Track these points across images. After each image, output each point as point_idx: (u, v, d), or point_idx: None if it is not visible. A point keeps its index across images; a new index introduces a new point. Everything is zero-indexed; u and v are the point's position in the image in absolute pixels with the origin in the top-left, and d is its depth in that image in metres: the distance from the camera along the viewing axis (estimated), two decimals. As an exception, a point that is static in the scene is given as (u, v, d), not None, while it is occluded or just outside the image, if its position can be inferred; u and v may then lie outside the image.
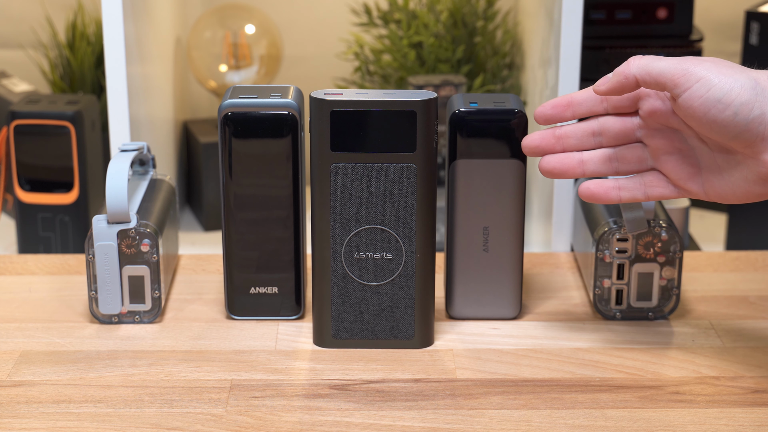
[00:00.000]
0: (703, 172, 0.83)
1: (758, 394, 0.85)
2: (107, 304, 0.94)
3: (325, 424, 0.81)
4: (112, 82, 1.11)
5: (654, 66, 0.80)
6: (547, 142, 0.86)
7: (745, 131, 0.78)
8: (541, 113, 0.86)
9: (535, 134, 0.87)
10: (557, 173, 0.86)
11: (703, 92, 0.78)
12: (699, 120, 0.79)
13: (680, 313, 0.98)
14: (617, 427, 0.81)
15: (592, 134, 0.86)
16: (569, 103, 0.86)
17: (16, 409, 0.83)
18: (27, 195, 1.26)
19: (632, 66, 0.82)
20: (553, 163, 0.86)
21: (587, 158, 0.86)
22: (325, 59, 1.50)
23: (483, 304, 0.96)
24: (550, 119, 0.86)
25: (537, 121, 0.87)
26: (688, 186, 0.84)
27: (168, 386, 0.86)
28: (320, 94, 0.87)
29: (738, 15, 1.47)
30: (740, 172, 0.81)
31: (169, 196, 1.03)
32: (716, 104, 0.78)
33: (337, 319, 0.91)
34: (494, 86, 1.44)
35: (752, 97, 0.78)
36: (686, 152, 0.84)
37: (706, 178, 0.83)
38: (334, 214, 0.89)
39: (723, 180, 0.82)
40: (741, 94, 0.78)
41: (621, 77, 0.82)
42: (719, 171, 0.82)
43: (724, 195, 0.83)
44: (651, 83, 0.81)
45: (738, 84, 0.78)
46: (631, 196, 0.86)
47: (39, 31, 1.49)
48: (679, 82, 0.79)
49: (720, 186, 0.83)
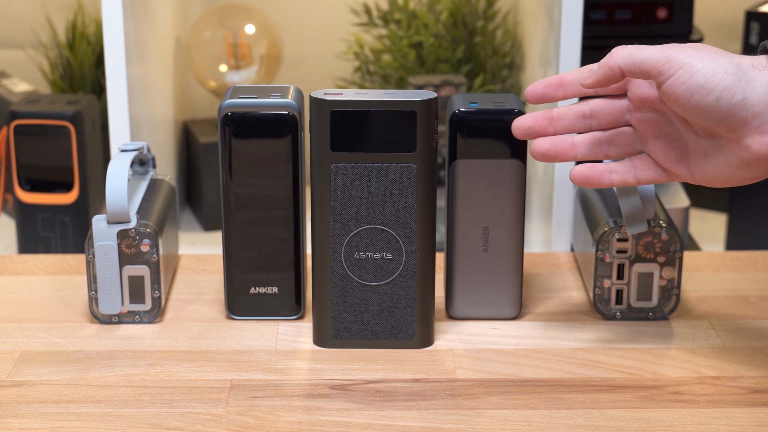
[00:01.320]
0: (690, 156, 0.84)
1: (758, 394, 0.85)
2: (107, 304, 0.94)
3: (325, 424, 0.81)
4: (112, 82, 1.11)
5: (637, 55, 0.81)
6: (540, 124, 0.86)
7: (728, 116, 0.78)
8: (532, 91, 0.86)
9: (526, 116, 0.87)
10: (550, 156, 0.86)
11: (686, 78, 0.78)
12: (683, 106, 0.79)
13: (680, 313, 0.98)
14: (617, 427, 0.81)
15: (583, 117, 0.86)
16: (561, 83, 0.86)
17: (16, 409, 0.83)
18: (27, 195, 1.26)
19: (616, 57, 0.82)
20: (547, 145, 0.86)
21: (579, 141, 0.86)
22: (325, 59, 1.50)
23: (483, 304, 0.96)
24: (542, 98, 0.86)
25: (528, 100, 0.87)
26: (675, 169, 0.85)
27: (168, 386, 0.86)
28: (320, 94, 0.87)
29: (738, 15, 1.47)
30: (724, 156, 0.81)
31: (169, 196, 1.03)
32: (699, 90, 0.78)
33: (337, 319, 0.91)
34: (494, 86, 1.44)
35: (734, 82, 0.78)
36: (673, 136, 0.84)
37: (693, 161, 0.84)
38: (334, 214, 0.89)
39: (708, 164, 0.83)
40: (723, 80, 0.78)
41: (606, 69, 0.82)
42: (704, 155, 0.83)
43: (709, 179, 0.83)
44: (636, 72, 0.81)
45: (720, 69, 0.78)
46: (622, 179, 0.86)
47: (39, 31, 1.49)
48: (663, 70, 0.79)
49: (705, 170, 0.83)
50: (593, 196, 1.02)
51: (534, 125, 0.86)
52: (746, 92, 0.78)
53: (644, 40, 1.32)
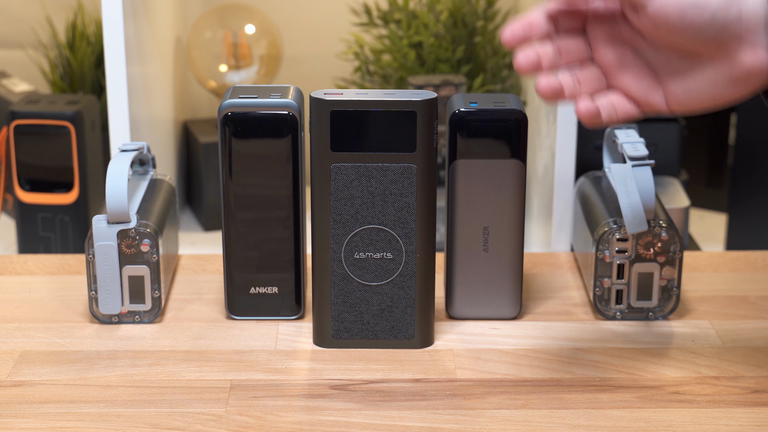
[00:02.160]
0: (663, 82, 0.80)
1: (758, 394, 0.85)
2: (107, 304, 0.94)
3: (325, 424, 0.81)
4: (112, 82, 1.11)
5: None
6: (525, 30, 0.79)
7: (722, 32, 0.75)
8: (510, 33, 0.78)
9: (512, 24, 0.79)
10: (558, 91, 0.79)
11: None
12: (673, 26, 0.76)
13: (680, 313, 0.98)
14: (617, 427, 0.81)
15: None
16: (530, 24, 0.79)
17: (16, 409, 0.83)
18: (27, 195, 1.26)
19: None
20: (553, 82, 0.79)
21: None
22: (325, 59, 1.50)
23: (483, 304, 0.96)
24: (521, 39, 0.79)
25: (506, 43, 0.79)
26: (649, 100, 0.80)
27: (168, 386, 0.86)
28: (320, 94, 0.87)
29: (738, 15, 1.46)
30: (707, 74, 0.78)
31: (169, 196, 1.03)
32: (692, 8, 0.75)
33: (337, 319, 0.91)
34: (494, 86, 1.44)
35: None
36: (640, 65, 0.80)
37: (667, 87, 0.79)
38: (334, 214, 0.89)
39: (686, 85, 0.79)
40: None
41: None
42: (681, 77, 0.79)
43: (688, 102, 0.79)
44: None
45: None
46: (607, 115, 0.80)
47: (39, 31, 1.49)
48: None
49: (683, 93, 0.79)
50: (593, 196, 1.02)
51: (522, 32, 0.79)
52: (740, 7, 0.75)
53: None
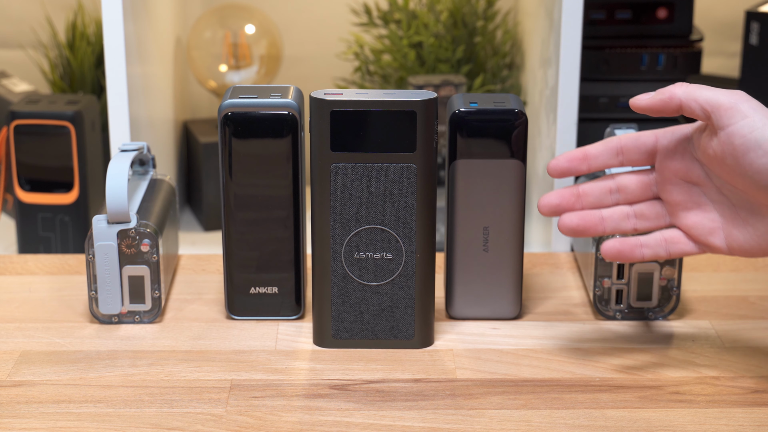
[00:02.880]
0: (725, 227, 0.82)
1: (758, 394, 0.85)
2: (107, 304, 0.94)
3: (325, 424, 0.81)
4: (112, 82, 1.11)
5: (702, 93, 0.79)
6: (567, 200, 0.84)
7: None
8: (555, 166, 0.84)
9: (552, 194, 0.85)
10: (579, 231, 0.84)
11: (746, 132, 0.76)
12: (735, 160, 0.77)
13: (680, 313, 0.98)
14: (617, 427, 0.81)
15: (609, 192, 0.85)
16: (584, 156, 0.84)
17: (16, 409, 0.83)
18: (27, 195, 1.26)
19: (677, 89, 0.80)
20: (576, 221, 0.84)
21: (607, 216, 0.84)
22: (325, 59, 1.50)
23: (483, 304, 0.96)
24: (566, 172, 0.84)
25: (552, 174, 0.85)
26: (709, 241, 0.82)
27: (168, 386, 0.86)
28: (320, 94, 0.87)
29: (738, 15, 1.47)
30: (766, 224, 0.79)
31: (169, 196, 1.03)
32: (756, 148, 0.76)
33: (337, 319, 0.91)
34: (494, 86, 1.44)
35: None
36: (706, 207, 0.82)
37: (729, 232, 0.81)
38: (334, 214, 0.89)
39: (747, 233, 0.81)
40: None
41: (665, 96, 0.80)
42: (743, 224, 0.81)
43: (749, 249, 0.81)
44: (695, 109, 0.79)
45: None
46: (654, 253, 0.84)
47: (39, 31, 1.49)
48: (725, 116, 0.77)
49: (744, 240, 0.81)
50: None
51: (561, 202, 0.84)
52: None
53: (644, 40, 1.33)
